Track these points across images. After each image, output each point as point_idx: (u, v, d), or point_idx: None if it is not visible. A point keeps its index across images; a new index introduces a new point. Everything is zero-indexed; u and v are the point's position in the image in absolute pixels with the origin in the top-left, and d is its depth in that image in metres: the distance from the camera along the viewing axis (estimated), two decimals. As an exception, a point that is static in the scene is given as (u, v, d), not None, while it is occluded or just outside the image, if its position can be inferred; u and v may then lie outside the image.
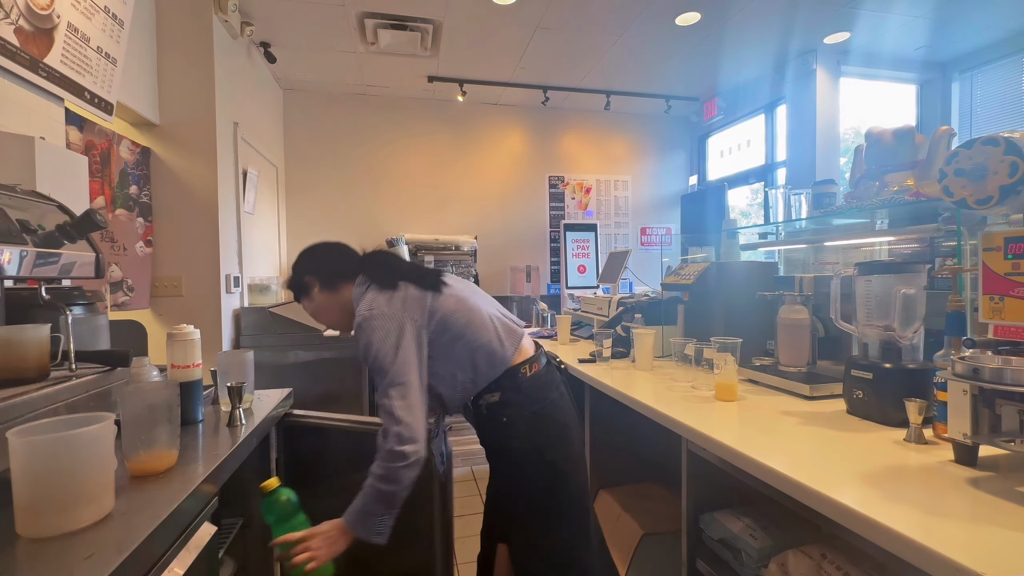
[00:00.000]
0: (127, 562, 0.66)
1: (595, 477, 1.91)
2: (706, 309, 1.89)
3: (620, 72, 4.25)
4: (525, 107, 4.98)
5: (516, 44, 3.72)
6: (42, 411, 0.90)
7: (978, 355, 0.90)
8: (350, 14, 3.23)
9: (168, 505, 0.80)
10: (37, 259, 0.99)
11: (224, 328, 2.89)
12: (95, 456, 0.75)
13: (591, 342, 2.42)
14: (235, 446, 1.10)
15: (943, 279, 1.39)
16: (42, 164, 1.48)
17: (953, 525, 0.70)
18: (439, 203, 4.85)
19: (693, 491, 1.26)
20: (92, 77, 1.95)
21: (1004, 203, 0.96)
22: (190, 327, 1.22)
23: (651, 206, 5.42)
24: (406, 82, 4.39)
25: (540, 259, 5.09)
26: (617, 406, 1.58)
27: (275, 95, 4.28)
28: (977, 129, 3.91)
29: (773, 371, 1.51)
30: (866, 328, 1.22)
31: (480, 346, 1.24)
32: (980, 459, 0.89)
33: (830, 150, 3.89)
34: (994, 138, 0.97)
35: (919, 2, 3.18)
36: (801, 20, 3.40)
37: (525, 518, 1.25)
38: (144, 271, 2.65)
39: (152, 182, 2.72)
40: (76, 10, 1.81)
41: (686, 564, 1.27)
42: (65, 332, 1.08)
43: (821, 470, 0.89)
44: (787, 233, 2.10)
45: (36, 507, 0.71)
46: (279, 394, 1.54)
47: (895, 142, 1.45)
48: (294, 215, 4.50)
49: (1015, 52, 3.63)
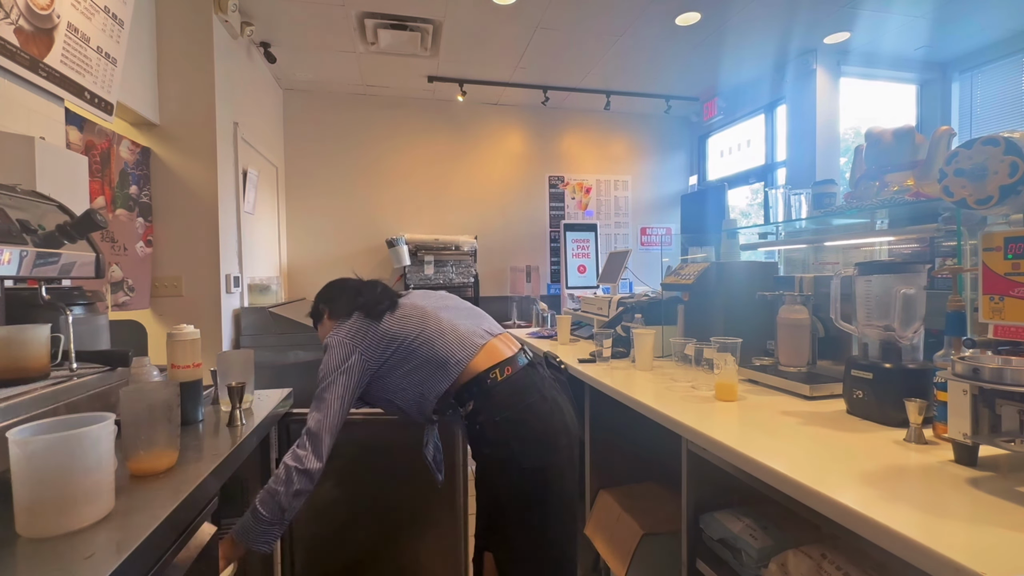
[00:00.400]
0: (127, 562, 0.66)
1: (595, 477, 1.91)
2: (706, 309, 1.89)
3: (620, 72, 4.25)
4: (525, 107, 4.98)
5: (516, 44, 3.72)
6: (42, 411, 0.90)
7: (978, 355, 0.90)
8: (350, 14, 3.23)
9: (168, 505, 0.80)
10: (37, 259, 0.99)
11: (224, 328, 2.89)
12: (95, 456, 0.75)
13: (591, 342, 2.42)
14: (235, 446, 1.10)
15: (943, 279, 1.39)
16: (42, 164, 1.48)
17: (953, 525, 0.70)
18: (439, 203, 4.85)
19: (693, 491, 1.26)
20: (92, 77, 1.95)
21: (1004, 203, 0.96)
22: (190, 327, 1.23)
23: (651, 206, 5.42)
24: (406, 82, 4.39)
25: (540, 259, 5.10)
26: (617, 406, 1.58)
27: (275, 95, 4.28)
28: (977, 129, 3.91)
29: (773, 371, 1.51)
30: (866, 328, 1.22)
31: (428, 359, 1.27)
32: (980, 459, 0.89)
33: (830, 150, 3.89)
34: (994, 138, 0.97)
35: (919, 2, 3.18)
36: (801, 20, 3.40)
37: (507, 528, 1.23)
38: (144, 271, 2.65)
39: (152, 182, 2.72)
40: (76, 10, 1.81)
41: (686, 564, 1.27)
42: (65, 332, 1.08)
43: (821, 470, 0.89)
44: (787, 233, 2.10)
45: (36, 507, 0.71)
46: (279, 394, 1.54)
47: (895, 142, 1.45)
48: (294, 215, 4.50)
49: (1015, 52, 3.63)
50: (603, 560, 1.71)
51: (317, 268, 4.51)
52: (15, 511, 0.71)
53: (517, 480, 1.21)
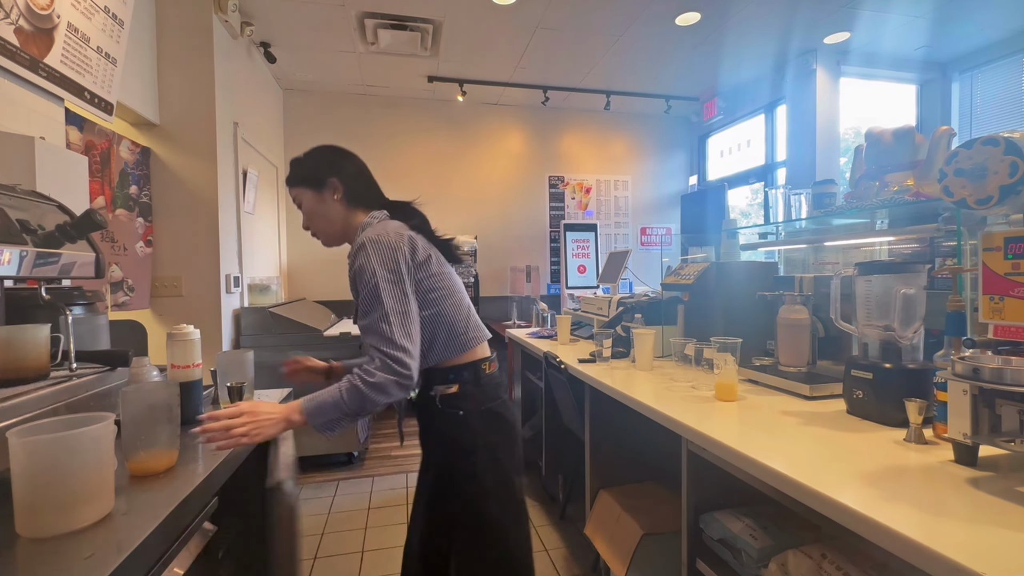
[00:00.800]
0: (127, 562, 0.66)
1: (595, 477, 1.91)
2: (706, 309, 1.89)
3: (620, 72, 4.25)
4: (525, 107, 4.98)
5: (516, 44, 3.72)
6: (42, 411, 0.90)
7: (978, 355, 0.90)
8: (350, 14, 3.23)
9: (168, 505, 0.80)
10: (37, 259, 0.99)
11: (224, 328, 2.89)
12: (95, 456, 0.75)
13: (591, 342, 2.42)
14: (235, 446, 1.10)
15: (943, 279, 1.39)
16: (42, 164, 1.48)
17: (953, 525, 0.70)
18: (439, 203, 4.85)
19: (693, 491, 1.26)
20: (92, 77, 1.95)
21: (1004, 203, 0.96)
22: (190, 327, 1.22)
23: (651, 206, 5.42)
24: (406, 82, 4.39)
25: (540, 259, 5.09)
26: (617, 406, 1.58)
27: (275, 95, 4.28)
28: (977, 129, 3.91)
29: (773, 371, 1.51)
30: (866, 328, 1.22)
31: (447, 322, 1.20)
32: (980, 459, 0.89)
33: (830, 150, 3.89)
34: (994, 138, 0.97)
35: (919, 2, 3.18)
36: (801, 20, 3.40)
37: (471, 521, 1.18)
38: (144, 271, 2.65)
39: (152, 182, 2.72)
40: (76, 10, 1.81)
41: (686, 564, 1.27)
42: (65, 332, 1.08)
43: (821, 470, 0.89)
44: (787, 233, 2.10)
45: (36, 507, 0.71)
46: (279, 394, 1.54)
47: (895, 142, 1.45)
48: (294, 215, 4.49)
49: (1015, 52, 3.63)
50: (603, 560, 1.71)
51: (317, 268, 4.51)
52: (15, 511, 0.71)
53: (493, 469, 1.19)
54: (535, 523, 2.51)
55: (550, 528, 2.46)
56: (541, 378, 2.49)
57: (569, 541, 2.34)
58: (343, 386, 1.05)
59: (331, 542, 2.35)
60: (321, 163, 1.27)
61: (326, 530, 2.45)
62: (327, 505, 2.70)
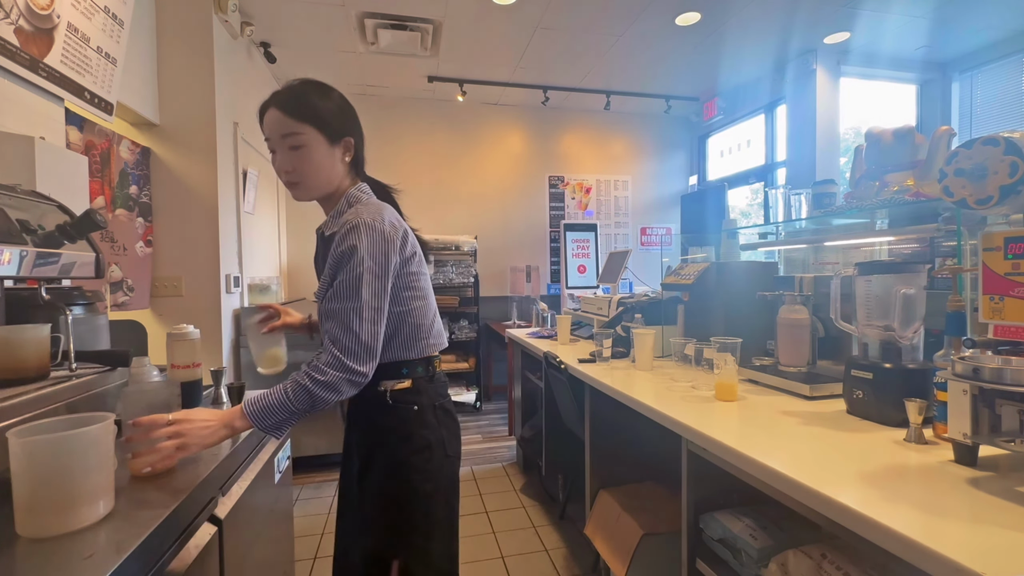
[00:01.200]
0: (127, 562, 0.66)
1: (595, 477, 1.91)
2: (706, 309, 1.89)
3: (620, 72, 4.25)
4: (525, 107, 4.98)
5: (516, 44, 3.72)
6: (42, 411, 0.90)
7: (978, 355, 0.90)
8: (350, 14, 3.23)
9: (168, 505, 0.80)
10: (37, 259, 0.99)
11: (224, 328, 2.89)
12: (95, 456, 0.75)
13: (591, 342, 2.42)
14: (235, 446, 1.10)
15: (943, 279, 1.39)
16: (42, 164, 1.48)
17: (953, 525, 0.70)
18: (439, 203, 4.85)
19: (693, 491, 1.26)
20: (92, 77, 1.95)
21: (1004, 203, 0.96)
22: (190, 327, 1.23)
23: (651, 206, 5.42)
24: (406, 82, 4.39)
25: (540, 259, 5.10)
26: (617, 406, 1.58)
27: (275, 95, 4.27)
28: (977, 129, 3.91)
29: (773, 371, 1.51)
30: (866, 328, 1.22)
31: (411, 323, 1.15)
32: (980, 459, 0.89)
33: (830, 150, 3.89)
34: (994, 138, 0.97)
35: (919, 2, 3.18)
36: (801, 20, 3.40)
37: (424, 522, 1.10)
38: (144, 271, 2.65)
39: (152, 182, 2.72)
40: (76, 10, 1.81)
41: (686, 564, 1.27)
42: (65, 332, 1.08)
43: (821, 470, 0.89)
44: (787, 233, 2.10)
45: (36, 507, 0.71)
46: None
47: (895, 142, 1.45)
48: (294, 215, 4.50)
49: (1015, 52, 3.63)
50: (603, 560, 1.71)
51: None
52: (15, 511, 0.71)
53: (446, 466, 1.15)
54: (536, 523, 2.51)
55: (550, 528, 2.46)
56: (541, 378, 2.49)
57: (569, 541, 2.34)
58: (289, 386, 0.98)
59: (331, 542, 2.35)
60: (342, 115, 1.19)
61: (326, 530, 2.45)
62: (327, 505, 2.70)
